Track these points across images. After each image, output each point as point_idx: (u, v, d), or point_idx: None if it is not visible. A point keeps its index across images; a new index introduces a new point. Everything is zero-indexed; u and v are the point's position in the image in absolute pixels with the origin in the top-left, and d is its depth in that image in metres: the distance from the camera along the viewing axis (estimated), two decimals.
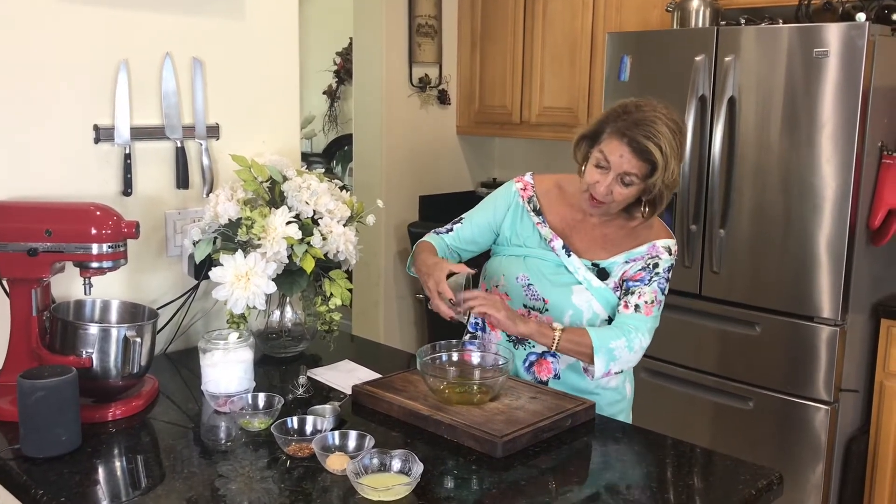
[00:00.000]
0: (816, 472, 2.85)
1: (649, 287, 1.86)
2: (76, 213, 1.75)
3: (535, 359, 1.94)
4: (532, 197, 1.99)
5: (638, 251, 1.89)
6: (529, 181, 2.01)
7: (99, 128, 1.97)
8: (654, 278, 1.87)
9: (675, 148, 1.77)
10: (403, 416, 1.71)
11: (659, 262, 1.88)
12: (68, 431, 1.54)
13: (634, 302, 1.85)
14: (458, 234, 2.04)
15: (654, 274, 1.87)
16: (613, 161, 1.77)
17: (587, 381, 1.92)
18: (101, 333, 1.70)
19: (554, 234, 1.93)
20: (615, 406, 1.97)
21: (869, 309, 2.90)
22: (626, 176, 1.78)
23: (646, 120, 1.76)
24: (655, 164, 1.75)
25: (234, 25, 2.19)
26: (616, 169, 1.78)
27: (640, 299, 1.85)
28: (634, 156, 1.76)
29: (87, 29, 1.94)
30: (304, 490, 1.42)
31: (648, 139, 1.74)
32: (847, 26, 2.65)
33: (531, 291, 1.93)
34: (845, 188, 2.69)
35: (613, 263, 1.90)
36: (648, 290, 1.86)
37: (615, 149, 1.77)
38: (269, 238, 1.90)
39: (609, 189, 1.79)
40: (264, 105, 2.28)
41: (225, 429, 1.68)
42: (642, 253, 1.89)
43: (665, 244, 1.90)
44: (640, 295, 1.86)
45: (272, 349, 2.11)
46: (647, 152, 1.74)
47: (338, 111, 6.06)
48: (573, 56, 3.84)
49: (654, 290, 1.86)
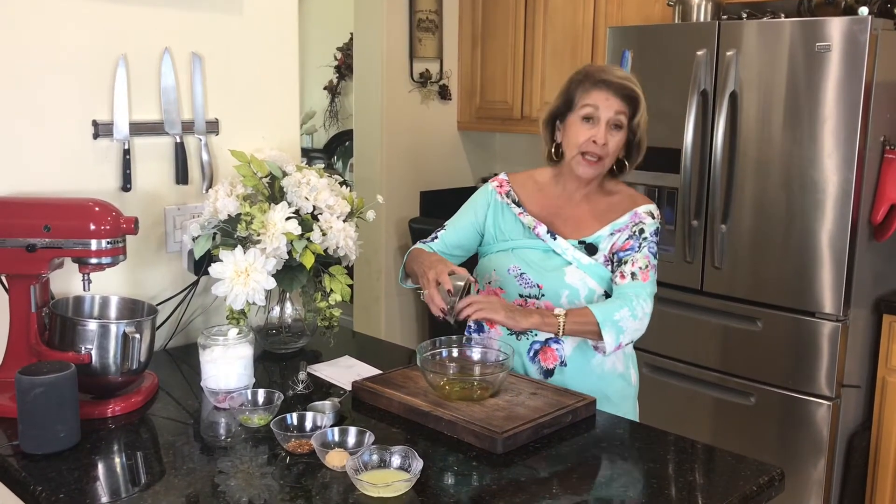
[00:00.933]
0: (818, 468, 2.84)
1: (640, 253, 1.91)
2: (75, 209, 1.75)
3: (539, 347, 1.94)
4: (510, 191, 2.04)
5: (621, 221, 1.94)
6: (504, 178, 2.08)
7: (98, 123, 1.96)
8: (643, 244, 1.92)
9: None
10: (403, 412, 1.70)
11: (644, 227, 1.93)
12: (67, 428, 1.54)
13: (630, 270, 1.89)
14: (444, 241, 2.06)
15: (643, 240, 1.92)
16: (602, 106, 1.87)
17: (594, 367, 1.94)
18: (101, 329, 1.70)
19: (537, 221, 1.97)
20: (623, 393, 1.99)
21: (871, 304, 2.89)
22: (617, 117, 1.87)
23: (608, 68, 1.92)
24: (636, 100, 1.88)
25: (233, 20, 2.18)
26: (605, 114, 1.87)
27: (635, 266, 1.90)
28: (618, 96, 1.87)
29: (86, 23, 1.93)
30: (303, 486, 1.42)
31: (625, 80, 1.88)
32: (849, 20, 2.64)
33: (524, 280, 1.94)
34: (847, 183, 2.68)
35: (599, 237, 1.94)
36: (640, 257, 1.91)
37: (600, 96, 1.87)
38: (269, 234, 1.90)
39: (605, 138, 1.87)
40: (264, 100, 2.27)
41: (224, 425, 1.68)
42: (626, 222, 1.93)
43: (646, 209, 1.95)
44: (633, 262, 1.90)
45: (272, 345, 2.10)
46: (627, 89, 1.87)
47: (338, 106, 6.06)
48: (574, 51, 3.82)
49: (646, 255, 1.91)
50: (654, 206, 1.98)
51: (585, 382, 1.91)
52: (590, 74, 1.91)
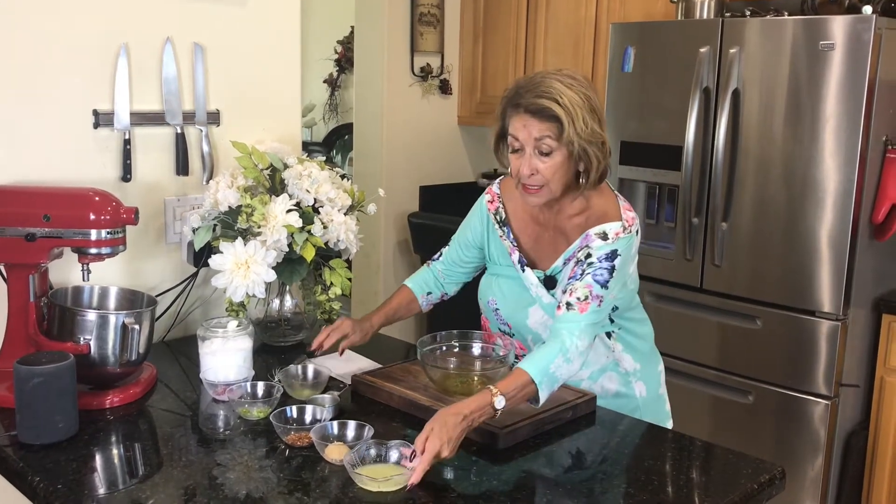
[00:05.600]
0: (815, 466, 2.84)
1: (581, 282, 1.69)
2: (75, 199, 1.74)
3: None
4: (499, 208, 1.90)
5: (572, 247, 1.76)
6: (496, 191, 1.92)
7: (98, 113, 1.95)
8: (586, 270, 1.69)
9: (578, 99, 1.65)
10: (403, 406, 1.70)
11: (591, 252, 1.71)
12: (66, 418, 1.53)
13: (566, 300, 1.68)
14: (447, 258, 2.01)
15: (587, 265, 1.70)
16: (521, 135, 1.68)
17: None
18: (100, 320, 1.69)
19: (513, 247, 1.84)
20: (627, 408, 1.85)
21: (870, 304, 2.89)
22: (541, 143, 1.66)
23: (534, 84, 1.67)
24: (560, 119, 1.64)
25: (235, 11, 2.17)
26: (527, 142, 1.68)
27: (572, 296, 1.68)
28: (535, 118, 1.66)
29: (87, 12, 1.92)
30: (302, 479, 1.41)
31: (541, 97, 1.65)
32: (853, 19, 2.63)
33: (499, 316, 1.90)
34: (849, 182, 2.68)
35: (556, 269, 1.79)
36: (581, 286, 1.68)
37: (517, 123, 1.68)
38: (270, 226, 1.89)
39: (532, 167, 1.68)
40: (265, 92, 2.26)
41: (223, 417, 1.67)
42: (576, 247, 1.75)
43: (599, 230, 1.72)
44: (570, 292, 1.69)
45: (271, 338, 2.09)
46: (545, 109, 1.64)
47: (338, 100, 6.04)
48: (576, 47, 3.81)
49: (588, 283, 1.68)
50: (614, 225, 1.72)
51: None
52: (510, 96, 1.71)
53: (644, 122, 3.15)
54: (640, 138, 3.16)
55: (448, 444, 1.42)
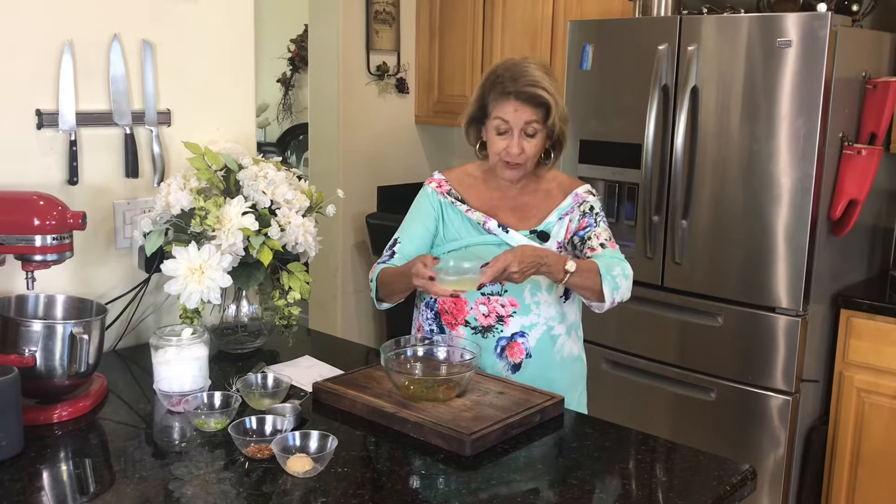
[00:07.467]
0: (777, 461, 2.86)
1: (600, 227, 1.97)
2: (17, 203, 1.68)
3: (505, 343, 1.93)
4: (450, 189, 2.03)
5: (565, 205, 1.98)
6: (440, 177, 2.06)
7: (42, 113, 1.88)
8: (598, 218, 1.98)
9: (556, 85, 1.88)
10: (367, 413, 1.65)
11: (593, 205, 1.99)
12: (9, 435, 1.46)
13: (597, 243, 1.94)
14: (403, 253, 1.99)
15: (596, 215, 1.98)
16: (512, 119, 1.86)
17: (555, 355, 1.96)
18: (46, 330, 1.63)
19: (486, 216, 1.96)
20: (580, 374, 2.05)
21: (829, 299, 2.91)
22: (528, 126, 1.86)
23: (520, 72, 1.86)
24: (548, 105, 1.85)
25: (187, 7, 2.11)
26: (517, 125, 1.86)
27: (601, 238, 1.95)
28: (527, 106, 1.85)
29: (29, 7, 1.84)
30: (263, 493, 1.37)
31: (532, 86, 1.84)
32: (809, 16, 2.65)
33: None
34: (807, 179, 2.70)
35: (549, 224, 1.96)
36: (601, 230, 1.96)
37: (508, 108, 1.86)
38: (225, 229, 1.84)
39: (519, 147, 1.87)
40: (218, 91, 2.20)
41: (179, 429, 1.62)
42: (570, 204, 1.98)
43: (584, 189, 2.01)
44: (597, 236, 1.95)
45: (228, 345, 2.04)
46: (536, 97, 1.84)
47: (292, 100, 5.96)
48: (534, 45, 3.79)
49: (605, 227, 1.98)
50: (589, 186, 2.03)
51: (550, 371, 1.93)
52: (498, 81, 1.88)
53: (603, 120, 3.14)
54: (599, 136, 3.15)
55: (519, 265, 1.69)
